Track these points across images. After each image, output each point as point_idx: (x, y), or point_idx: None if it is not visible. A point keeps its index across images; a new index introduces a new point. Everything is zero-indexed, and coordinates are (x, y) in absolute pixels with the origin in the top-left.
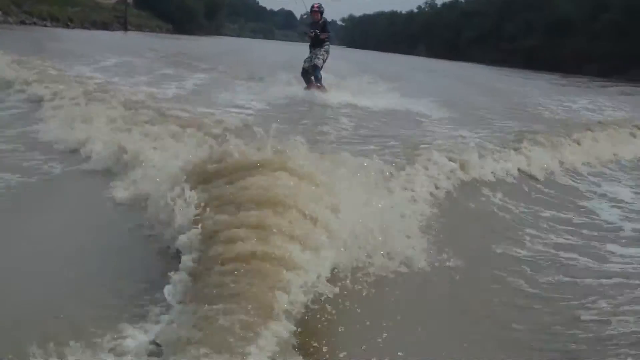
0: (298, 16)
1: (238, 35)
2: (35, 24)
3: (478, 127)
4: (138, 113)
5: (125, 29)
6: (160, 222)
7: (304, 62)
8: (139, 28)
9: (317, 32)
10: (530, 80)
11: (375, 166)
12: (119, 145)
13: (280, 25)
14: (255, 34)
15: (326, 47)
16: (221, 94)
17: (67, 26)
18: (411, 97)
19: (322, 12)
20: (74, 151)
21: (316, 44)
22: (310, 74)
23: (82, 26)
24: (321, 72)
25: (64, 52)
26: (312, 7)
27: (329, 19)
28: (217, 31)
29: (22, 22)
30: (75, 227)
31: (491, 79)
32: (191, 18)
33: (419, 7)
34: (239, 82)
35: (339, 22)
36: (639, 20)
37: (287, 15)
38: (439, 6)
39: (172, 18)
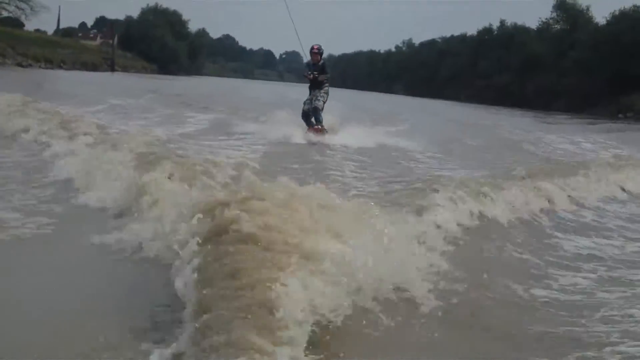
0: (277, 56)
1: (219, 75)
2: (31, 65)
3: (479, 166)
4: (147, 155)
5: (112, 69)
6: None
7: (304, 104)
8: (125, 69)
9: (315, 74)
10: (518, 118)
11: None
12: (130, 185)
13: (259, 65)
14: (235, 73)
15: (326, 88)
16: (226, 135)
17: (60, 67)
18: (411, 138)
19: (321, 54)
20: (84, 191)
21: (315, 85)
22: (311, 116)
23: (74, 67)
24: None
25: (64, 94)
26: (312, 48)
27: (306, 59)
28: (198, 71)
29: (19, 64)
30: (81, 264)
31: (481, 117)
32: (175, 59)
33: (397, 47)
34: (241, 122)
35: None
36: (604, 58)
37: (266, 54)
38: (416, 45)
39: (156, 59)
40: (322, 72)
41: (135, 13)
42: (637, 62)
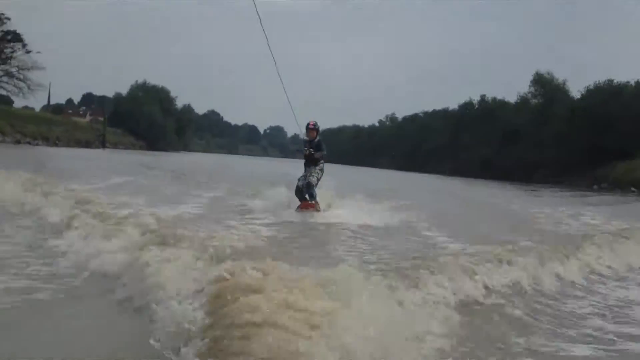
0: (261, 131)
1: (205, 151)
2: (29, 143)
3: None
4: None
5: (104, 146)
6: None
7: (298, 180)
8: (115, 145)
9: (311, 151)
10: (507, 191)
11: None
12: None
13: (244, 140)
14: (221, 149)
15: (321, 165)
16: (229, 214)
17: (55, 145)
18: (403, 210)
19: (318, 130)
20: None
21: (311, 162)
22: (305, 192)
23: (68, 145)
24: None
25: (66, 171)
26: (308, 125)
27: (290, 133)
28: (185, 147)
29: (18, 142)
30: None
31: (476, 193)
32: (163, 135)
33: (380, 121)
34: (241, 199)
35: (302, 137)
36: (579, 131)
37: (251, 129)
38: (399, 120)
39: (144, 135)
40: (317, 149)
41: (120, 89)
42: (610, 134)
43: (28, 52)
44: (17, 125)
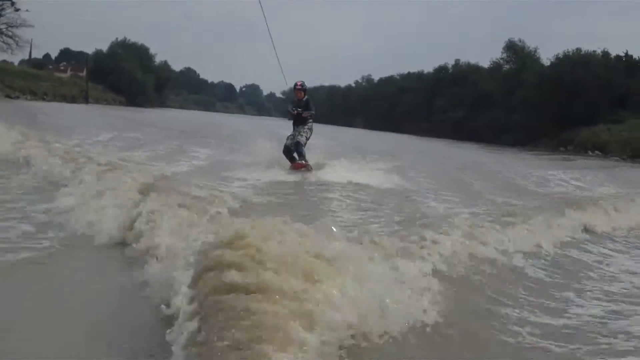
0: (238, 89)
1: (182, 108)
2: (18, 97)
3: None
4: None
5: (87, 102)
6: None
7: (287, 139)
8: (97, 101)
9: (299, 110)
10: (497, 154)
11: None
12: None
13: (220, 98)
14: (197, 105)
15: (310, 124)
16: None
17: (43, 99)
18: (394, 172)
19: (305, 90)
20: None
21: (299, 121)
22: (293, 152)
23: (55, 99)
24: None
25: (63, 127)
26: (296, 85)
27: (266, 92)
28: (162, 104)
29: (8, 96)
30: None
31: (455, 152)
32: (142, 91)
33: (357, 82)
34: (235, 156)
35: (279, 95)
36: (547, 97)
37: (227, 87)
38: (375, 81)
39: (124, 91)
40: (306, 109)
41: (98, 44)
42: (577, 101)
43: (17, 10)
44: (6, 80)
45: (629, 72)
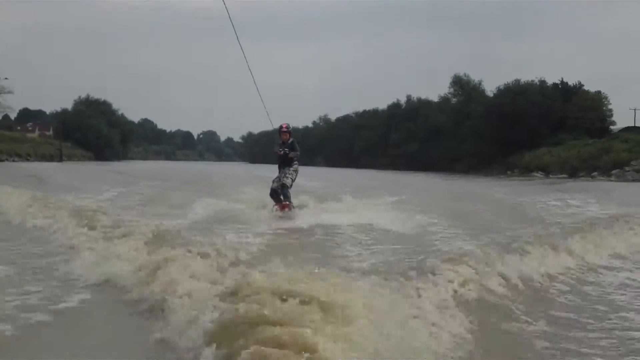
0: (195, 136)
1: (144, 158)
2: (7, 160)
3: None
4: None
5: (61, 159)
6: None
7: (273, 182)
8: (70, 158)
9: (286, 150)
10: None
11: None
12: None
13: (179, 146)
14: (159, 155)
15: (295, 166)
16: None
17: (27, 160)
18: (371, 209)
19: (290, 132)
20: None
21: (285, 163)
22: (279, 194)
23: (36, 159)
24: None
25: (64, 186)
26: (281, 127)
27: (223, 137)
28: (126, 156)
29: None
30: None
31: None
32: (109, 145)
33: (314, 122)
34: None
35: (238, 140)
36: (493, 125)
37: (185, 135)
38: (332, 121)
39: (92, 146)
40: (292, 150)
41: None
42: (519, 128)
43: None
44: None
45: (566, 98)
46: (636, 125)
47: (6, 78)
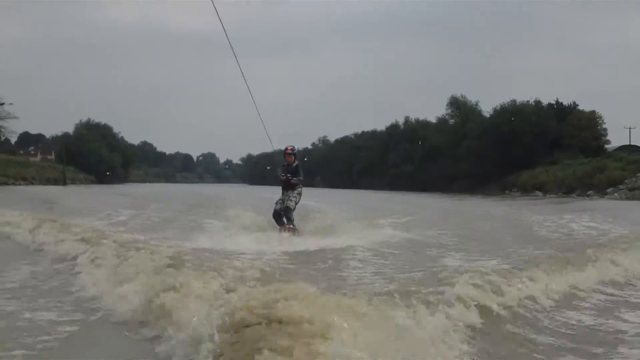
0: (195, 158)
1: (144, 181)
2: (14, 184)
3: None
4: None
5: (64, 183)
6: None
7: (276, 204)
8: (73, 181)
9: (289, 176)
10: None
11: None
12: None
13: (179, 168)
14: (158, 178)
15: (299, 189)
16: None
17: (32, 183)
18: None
19: (295, 155)
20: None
21: (289, 185)
22: (283, 216)
23: (41, 183)
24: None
25: (73, 209)
26: (286, 149)
27: (222, 159)
28: (127, 179)
29: (5, 183)
30: None
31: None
32: (110, 169)
33: (313, 144)
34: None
35: (237, 162)
36: (490, 145)
37: (185, 158)
38: (331, 142)
39: (93, 170)
40: (295, 174)
41: (54, 124)
42: (516, 147)
43: (1, 103)
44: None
45: (560, 118)
46: (631, 143)
47: (11, 103)
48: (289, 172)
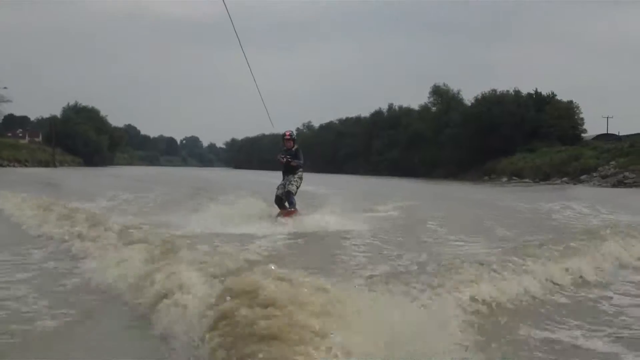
0: (179, 142)
1: (130, 164)
2: (8, 165)
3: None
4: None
5: (54, 165)
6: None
7: (277, 189)
8: (61, 163)
9: (288, 158)
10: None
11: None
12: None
13: (163, 152)
14: (143, 161)
15: (300, 173)
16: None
17: (25, 165)
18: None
19: (294, 140)
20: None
21: (289, 170)
22: (284, 201)
23: (33, 165)
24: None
25: (77, 191)
26: (284, 135)
27: (206, 143)
28: (112, 161)
29: (0, 165)
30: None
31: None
32: (98, 151)
33: (298, 129)
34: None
35: (221, 146)
36: (470, 133)
37: (169, 141)
38: (316, 128)
39: (80, 152)
40: (295, 158)
41: (38, 108)
42: (495, 135)
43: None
44: None
45: (539, 107)
46: (609, 132)
47: (5, 87)
48: (289, 155)
